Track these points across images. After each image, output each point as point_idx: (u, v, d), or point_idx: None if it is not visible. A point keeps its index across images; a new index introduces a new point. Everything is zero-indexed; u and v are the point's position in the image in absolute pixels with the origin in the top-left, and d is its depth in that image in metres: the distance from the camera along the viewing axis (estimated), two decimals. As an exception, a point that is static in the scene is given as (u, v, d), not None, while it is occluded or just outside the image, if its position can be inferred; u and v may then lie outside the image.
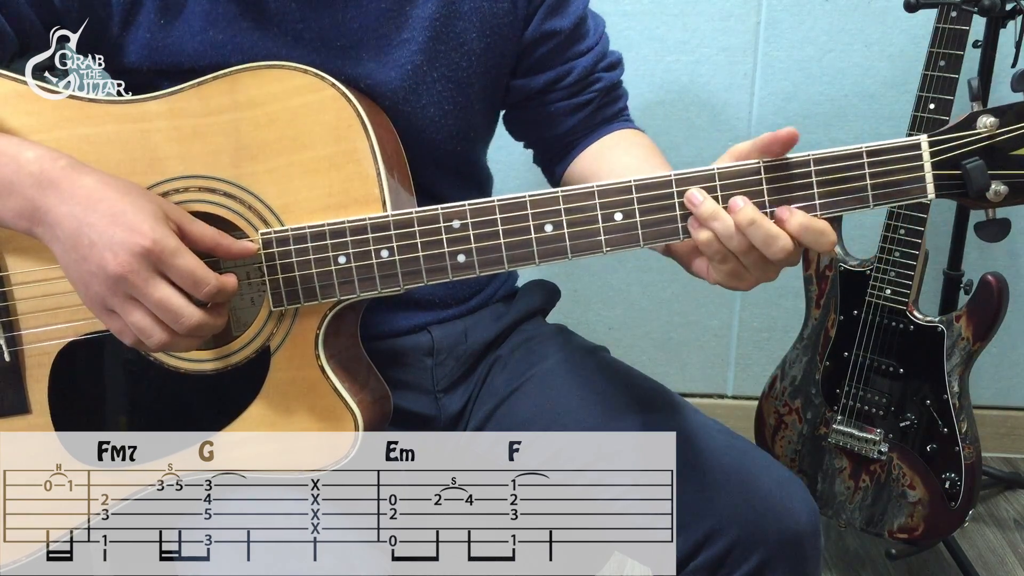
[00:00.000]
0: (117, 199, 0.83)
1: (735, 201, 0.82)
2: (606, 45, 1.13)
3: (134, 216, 0.82)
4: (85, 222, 0.82)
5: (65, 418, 0.95)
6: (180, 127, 0.91)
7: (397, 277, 0.88)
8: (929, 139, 0.81)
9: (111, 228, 0.82)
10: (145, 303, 0.83)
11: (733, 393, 2.20)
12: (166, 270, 0.82)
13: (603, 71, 1.11)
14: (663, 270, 2.10)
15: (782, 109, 1.96)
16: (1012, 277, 1.69)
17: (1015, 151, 0.80)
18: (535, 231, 0.86)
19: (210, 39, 0.96)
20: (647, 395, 1.06)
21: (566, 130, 1.11)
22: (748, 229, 0.81)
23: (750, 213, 0.81)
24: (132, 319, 0.83)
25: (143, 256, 0.81)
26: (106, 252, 0.81)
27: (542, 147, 1.16)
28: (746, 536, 0.93)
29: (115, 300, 0.83)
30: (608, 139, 1.12)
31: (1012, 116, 0.80)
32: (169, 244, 0.82)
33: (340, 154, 0.89)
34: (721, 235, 0.82)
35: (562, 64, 1.08)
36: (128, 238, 0.81)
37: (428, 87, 1.01)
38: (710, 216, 0.82)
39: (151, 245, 0.81)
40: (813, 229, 0.81)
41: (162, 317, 0.83)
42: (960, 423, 1.55)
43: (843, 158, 0.82)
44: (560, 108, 1.10)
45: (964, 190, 0.81)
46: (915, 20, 1.68)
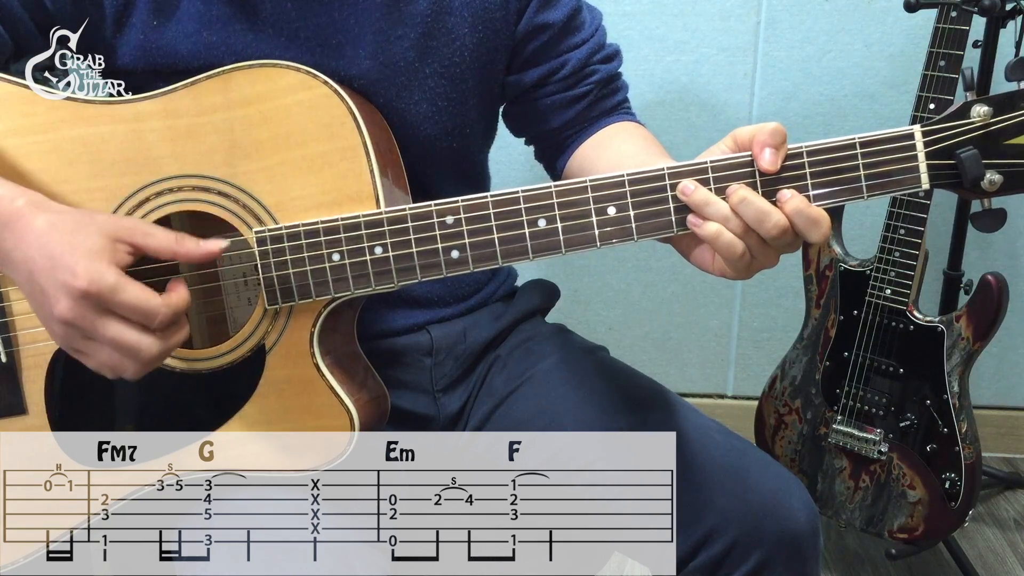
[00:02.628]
0: (58, 240, 0.81)
1: (730, 187, 0.82)
2: (602, 37, 1.12)
3: (70, 257, 0.80)
4: (35, 268, 0.81)
5: (61, 418, 0.95)
6: (174, 126, 0.91)
7: (391, 274, 0.88)
8: (923, 129, 0.81)
9: (53, 273, 0.80)
10: (101, 343, 0.81)
11: (733, 393, 2.20)
12: (112, 307, 0.80)
13: (599, 63, 1.10)
14: (663, 270, 2.10)
15: (782, 109, 1.96)
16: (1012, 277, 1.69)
17: (1010, 140, 0.80)
18: (528, 226, 0.86)
19: (204, 40, 0.96)
20: (647, 395, 1.06)
21: (563, 123, 1.11)
22: (739, 207, 0.81)
23: (742, 192, 0.81)
24: (100, 358, 0.82)
25: (82, 299, 0.79)
26: (51, 299, 0.80)
27: (541, 142, 1.16)
28: (746, 536, 0.93)
29: (77, 343, 0.82)
30: (607, 130, 1.11)
31: (1006, 105, 0.80)
32: (106, 282, 0.79)
33: (333, 151, 0.89)
34: (718, 220, 0.82)
35: (556, 57, 1.08)
36: (67, 282, 0.79)
37: (421, 83, 1.01)
38: (703, 203, 0.82)
39: (86, 286, 0.79)
40: (807, 215, 0.81)
41: (121, 355, 0.81)
42: (960, 423, 1.55)
43: (836, 149, 0.82)
44: (556, 101, 1.09)
45: (959, 180, 0.81)
46: (915, 20, 1.68)
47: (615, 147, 1.08)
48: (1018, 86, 0.80)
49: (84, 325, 0.80)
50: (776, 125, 0.82)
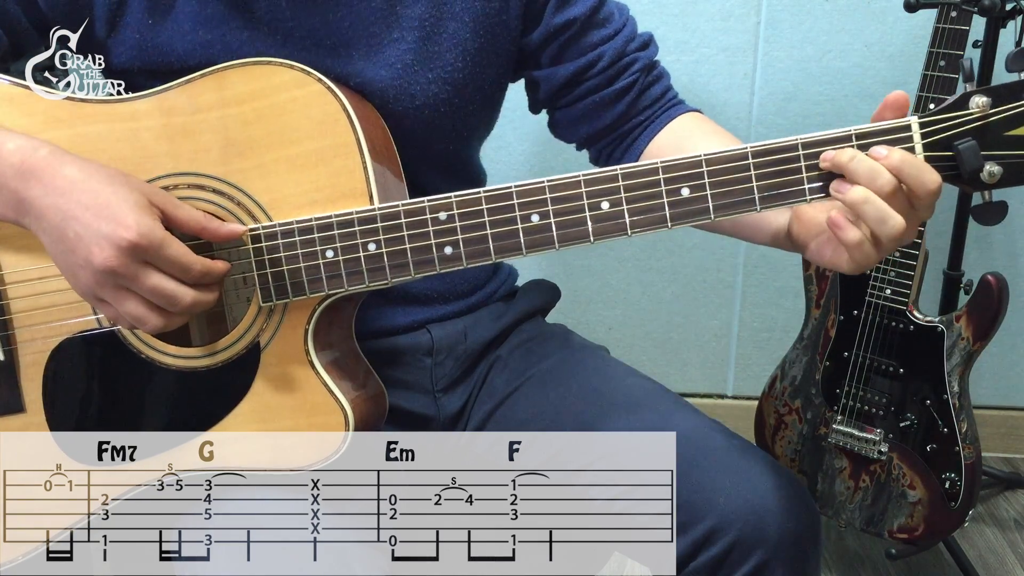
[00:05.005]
0: (100, 189, 0.83)
1: (876, 150, 0.80)
2: (634, 27, 1.10)
3: (118, 208, 0.82)
4: (69, 215, 0.83)
5: (59, 417, 0.95)
6: (169, 125, 0.92)
7: (385, 270, 0.88)
8: (920, 120, 0.80)
9: (96, 221, 0.82)
10: (138, 292, 0.84)
11: (733, 393, 2.20)
12: (154, 261, 0.83)
13: (636, 51, 1.09)
14: (663, 270, 2.10)
15: (782, 109, 1.96)
16: (1012, 277, 1.69)
17: (1009, 131, 0.79)
18: (522, 221, 0.86)
19: (199, 39, 0.96)
20: (647, 395, 1.06)
21: (616, 117, 1.09)
22: (898, 166, 0.79)
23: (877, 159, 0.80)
24: (125, 308, 0.84)
25: (130, 250, 0.81)
26: (92, 246, 0.81)
27: (597, 141, 1.13)
28: (746, 536, 0.93)
29: (105, 291, 0.84)
30: (680, 123, 1.09)
31: (1006, 95, 0.79)
32: (156, 236, 0.82)
33: (327, 148, 0.89)
34: (865, 179, 0.80)
35: (590, 51, 1.06)
36: (113, 232, 0.81)
37: (423, 88, 1.01)
38: (849, 159, 0.80)
39: (137, 239, 0.81)
40: (914, 164, 0.79)
41: (157, 303, 0.84)
42: (960, 423, 1.55)
43: (832, 141, 0.82)
44: (604, 97, 1.08)
45: (957, 172, 0.80)
46: (915, 20, 1.68)
47: (696, 141, 1.07)
48: (1018, 77, 0.79)
49: (126, 273, 0.82)
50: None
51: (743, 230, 1.00)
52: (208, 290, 0.88)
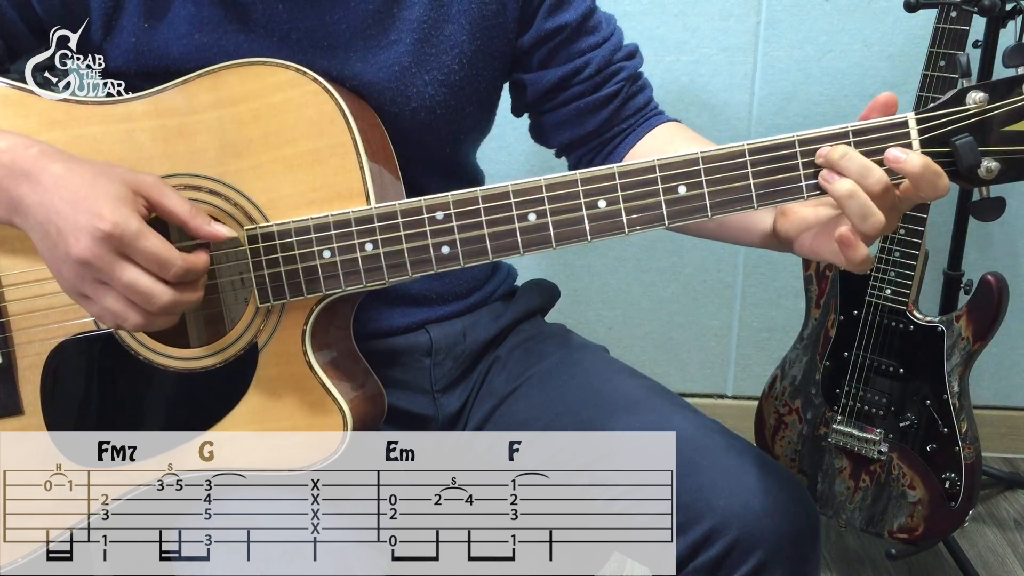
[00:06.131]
0: (81, 184, 0.83)
1: (894, 153, 0.80)
2: (621, 37, 1.11)
3: (95, 200, 0.81)
4: (52, 210, 0.82)
5: (57, 418, 0.95)
6: (165, 126, 0.92)
7: (382, 270, 0.88)
8: (917, 116, 0.80)
9: (74, 214, 0.81)
10: (114, 287, 0.83)
11: (733, 393, 2.20)
12: (130, 253, 0.82)
13: (622, 60, 1.09)
14: (663, 270, 2.10)
15: (782, 109, 1.96)
16: (1012, 277, 1.69)
17: (1006, 127, 0.79)
18: (518, 220, 0.86)
19: (196, 42, 0.96)
20: (647, 395, 1.06)
21: (599, 124, 1.10)
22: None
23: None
24: (105, 303, 0.84)
25: (104, 240, 0.81)
26: (70, 238, 0.81)
27: (577, 149, 1.13)
28: (746, 536, 0.93)
29: (86, 285, 0.83)
30: (662, 131, 1.10)
31: (1002, 91, 0.78)
32: (130, 227, 0.81)
33: (323, 148, 0.89)
34: (855, 175, 0.80)
35: (577, 57, 1.07)
36: (89, 222, 0.81)
37: (419, 91, 1.00)
38: (840, 156, 0.80)
39: (111, 229, 0.80)
40: (934, 171, 0.79)
41: (133, 299, 0.83)
42: (960, 423, 1.55)
43: (829, 138, 0.82)
44: (588, 104, 1.08)
45: (955, 168, 0.80)
46: (915, 20, 1.68)
47: (678, 146, 1.05)
48: (1016, 72, 0.79)
49: (101, 266, 0.81)
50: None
51: (729, 231, 0.99)
52: (190, 289, 0.85)
